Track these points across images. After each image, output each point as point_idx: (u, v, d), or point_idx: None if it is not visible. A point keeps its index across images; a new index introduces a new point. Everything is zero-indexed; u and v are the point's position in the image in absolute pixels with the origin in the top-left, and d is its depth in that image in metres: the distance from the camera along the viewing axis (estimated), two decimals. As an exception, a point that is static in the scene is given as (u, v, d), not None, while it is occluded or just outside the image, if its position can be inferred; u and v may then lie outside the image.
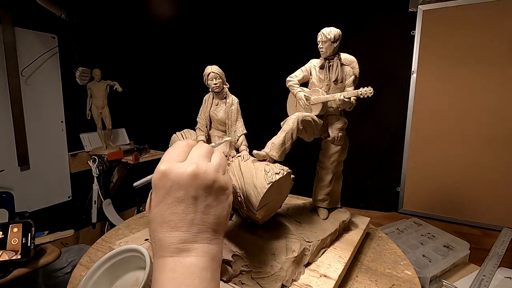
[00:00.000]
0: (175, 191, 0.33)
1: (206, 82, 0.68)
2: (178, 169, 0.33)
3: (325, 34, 0.65)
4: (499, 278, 0.98)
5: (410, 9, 1.43)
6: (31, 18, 1.48)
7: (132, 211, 1.99)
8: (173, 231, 0.32)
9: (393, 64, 1.51)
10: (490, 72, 1.30)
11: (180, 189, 0.33)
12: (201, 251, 0.32)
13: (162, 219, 0.33)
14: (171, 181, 0.33)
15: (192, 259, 0.32)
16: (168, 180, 0.33)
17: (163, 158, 0.35)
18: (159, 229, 0.33)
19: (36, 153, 1.55)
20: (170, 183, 0.33)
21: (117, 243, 0.69)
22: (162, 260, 0.32)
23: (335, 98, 0.65)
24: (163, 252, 0.32)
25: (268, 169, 0.53)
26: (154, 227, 0.33)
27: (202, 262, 0.32)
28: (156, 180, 0.34)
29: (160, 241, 0.32)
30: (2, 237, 0.87)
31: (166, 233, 0.32)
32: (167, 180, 0.33)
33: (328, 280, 0.55)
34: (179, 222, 0.32)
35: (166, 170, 0.33)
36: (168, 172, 0.33)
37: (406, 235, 1.26)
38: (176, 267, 0.31)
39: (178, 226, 0.32)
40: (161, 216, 0.33)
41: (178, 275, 0.30)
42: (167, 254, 0.32)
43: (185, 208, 0.33)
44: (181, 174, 0.33)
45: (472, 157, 1.37)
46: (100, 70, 1.63)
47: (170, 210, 0.33)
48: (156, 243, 0.33)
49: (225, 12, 2.01)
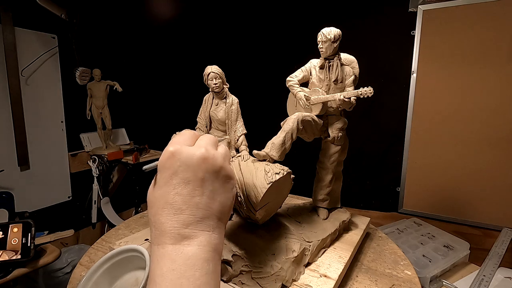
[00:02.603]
0: (183, 172, 0.32)
1: (206, 82, 0.68)
2: (188, 150, 0.32)
3: (325, 34, 0.65)
4: (499, 278, 0.98)
5: (410, 9, 1.43)
6: (31, 18, 1.48)
7: (132, 211, 1.98)
8: (176, 213, 0.31)
9: (393, 64, 1.51)
10: (490, 72, 1.30)
11: (188, 170, 0.32)
12: (203, 240, 0.31)
13: (166, 201, 0.31)
14: (179, 162, 0.32)
15: (194, 249, 0.30)
16: (176, 160, 0.32)
17: (171, 141, 0.34)
18: (161, 211, 0.31)
19: (36, 153, 1.55)
20: (178, 163, 0.32)
21: (117, 243, 0.69)
22: (162, 248, 0.30)
23: (335, 98, 0.65)
24: (163, 238, 0.30)
25: (268, 169, 0.53)
26: (156, 210, 0.32)
27: (204, 252, 0.30)
28: (163, 160, 0.32)
29: (162, 225, 0.31)
30: (2, 237, 0.87)
31: (169, 215, 0.31)
32: (176, 161, 0.32)
33: (328, 280, 0.55)
34: (184, 204, 0.31)
35: (176, 151, 0.32)
36: (177, 153, 0.32)
37: (406, 235, 1.26)
38: (177, 257, 0.29)
39: (182, 209, 0.31)
40: (165, 198, 0.31)
41: (178, 266, 0.29)
42: (167, 240, 0.30)
43: (191, 190, 0.31)
44: (191, 155, 0.32)
45: (472, 157, 1.37)
46: (100, 70, 1.63)
47: (175, 191, 0.31)
48: (157, 227, 0.31)
49: (225, 12, 2.01)
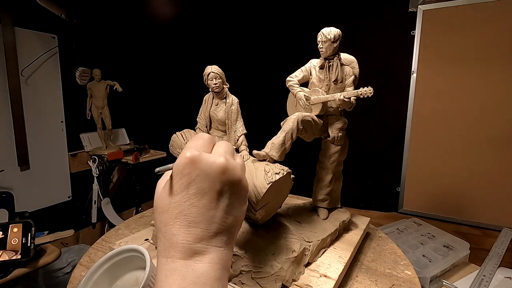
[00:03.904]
0: (201, 182, 0.29)
1: (206, 82, 0.68)
2: (208, 158, 0.30)
3: (325, 34, 0.65)
4: (499, 278, 0.98)
5: (410, 9, 1.44)
6: (31, 18, 1.48)
7: (132, 211, 1.99)
8: (190, 226, 0.29)
9: (393, 64, 1.51)
10: (490, 72, 1.30)
11: (206, 180, 0.30)
12: (215, 257, 0.30)
13: (180, 211, 0.29)
14: (198, 170, 0.29)
15: (205, 267, 0.29)
16: (195, 168, 0.29)
17: (188, 145, 0.32)
18: (173, 221, 0.29)
19: (36, 153, 1.55)
20: (197, 172, 0.29)
21: (117, 243, 0.69)
22: (172, 262, 0.28)
23: (335, 98, 0.65)
24: (174, 251, 0.29)
25: (268, 169, 0.53)
26: (167, 219, 0.30)
27: (214, 271, 0.29)
28: (180, 166, 0.30)
29: (173, 236, 0.29)
30: (2, 237, 0.87)
31: (182, 227, 0.29)
32: (195, 169, 0.29)
33: (328, 280, 0.55)
34: (199, 216, 0.29)
35: (195, 157, 0.29)
36: (196, 160, 0.29)
37: (406, 235, 1.26)
38: (187, 274, 0.28)
39: (196, 222, 0.29)
40: (179, 208, 0.29)
41: (188, 285, 0.27)
42: (178, 255, 0.28)
43: (207, 202, 0.30)
44: (211, 164, 0.30)
45: (472, 157, 1.37)
46: (100, 70, 1.62)
47: (190, 201, 0.29)
48: (167, 238, 0.29)
49: (225, 12, 2.01)
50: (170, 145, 0.73)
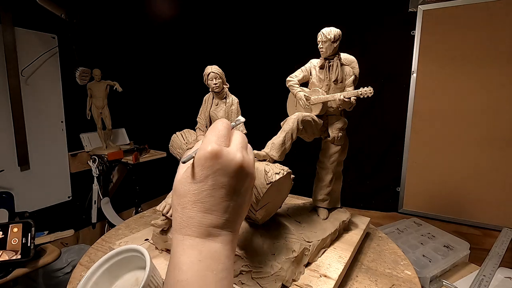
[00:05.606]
0: (220, 176, 0.32)
1: (206, 82, 0.68)
2: (228, 154, 0.33)
3: (325, 34, 0.65)
4: (499, 278, 0.98)
5: (410, 9, 1.44)
6: (31, 18, 1.48)
7: (132, 211, 1.98)
8: (206, 213, 0.32)
9: (393, 64, 1.51)
10: (489, 72, 1.30)
11: (225, 175, 0.32)
12: (226, 239, 0.33)
13: (197, 198, 0.32)
14: (219, 165, 0.32)
15: (218, 246, 0.32)
16: (216, 163, 0.32)
17: (209, 138, 0.34)
18: (191, 206, 0.32)
19: (36, 153, 1.55)
20: (217, 166, 0.32)
21: (117, 243, 0.69)
22: (189, 238, 0.32)
23: (335, 98, 0.65)
24: (191, 231, 0.32)
25: (268, 169, 0.53)
26: (185, 203, 0.33)
27: (226, 250, 0.33)
28: (202, 158, 0.32)
29: (190, 219, 0.32)
30: (2, 237, 0.87)
31: (199, 213, 0.32)
32: (216, 163, 0.32)
33: (328, 280, 0.55)
34: (214, 206, 0.33)
35: (217, 152, 0.32)
36: (218, 154, 0.32)
37: (406, 235, 1.26)
38: (203, 249, 0.31)
39: (212, 210, 0.32)
40: (197, 195, 0.32)
41: (204, 258, 0.31)
42: (195, 234, 0.32)
43: (223, 194, 0.33)
44: (230, 161, 0.32)
45: (472, 157, 1.37)
46: (100, 70, 1.62)
47: (208, 192, 0.32)
48: (184, 219, 0.32)
49: (225, 12, 2.01)
50: (170, 145, 0.73)
